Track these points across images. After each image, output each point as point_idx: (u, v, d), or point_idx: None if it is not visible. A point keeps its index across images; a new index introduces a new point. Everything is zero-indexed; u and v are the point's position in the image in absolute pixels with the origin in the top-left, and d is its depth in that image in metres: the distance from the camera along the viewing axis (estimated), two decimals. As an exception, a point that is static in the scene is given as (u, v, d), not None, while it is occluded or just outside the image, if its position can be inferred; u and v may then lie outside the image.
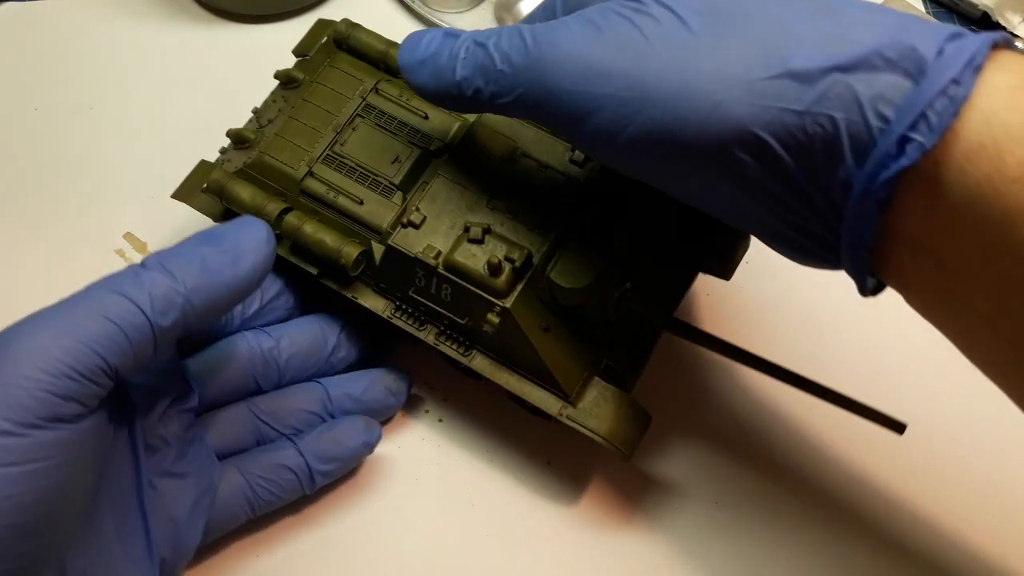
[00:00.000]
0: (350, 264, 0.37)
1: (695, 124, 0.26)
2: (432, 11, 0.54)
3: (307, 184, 0.39)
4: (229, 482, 0.37)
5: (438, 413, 0.43)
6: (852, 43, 0.25)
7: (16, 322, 0.29)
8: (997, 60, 0.25)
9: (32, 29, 0.54)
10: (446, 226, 0.37)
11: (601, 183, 0.38)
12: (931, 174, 0.24)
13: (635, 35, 0.27)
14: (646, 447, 0.40)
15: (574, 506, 0.41)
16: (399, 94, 0.41)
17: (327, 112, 0.41)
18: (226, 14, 0.54)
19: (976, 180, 0.24)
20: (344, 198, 0.39)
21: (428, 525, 0.41)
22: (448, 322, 0.38)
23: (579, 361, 0.37)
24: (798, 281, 0.45)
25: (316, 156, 0.40)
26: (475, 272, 0.36)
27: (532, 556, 0.40)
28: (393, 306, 0.39)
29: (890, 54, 0.25)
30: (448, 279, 0.36)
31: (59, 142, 0.50)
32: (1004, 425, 0.41)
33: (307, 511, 0.41)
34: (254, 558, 0.39)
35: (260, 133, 0.41)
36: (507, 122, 0.39)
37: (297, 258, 0.39)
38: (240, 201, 0.39)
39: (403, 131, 0.40)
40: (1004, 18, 0.54)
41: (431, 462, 0.42)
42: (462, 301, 0.37)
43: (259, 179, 0.40)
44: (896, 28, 0.25)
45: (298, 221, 0.38)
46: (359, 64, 0.42)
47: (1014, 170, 0.23)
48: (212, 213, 0.41)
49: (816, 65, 0.25)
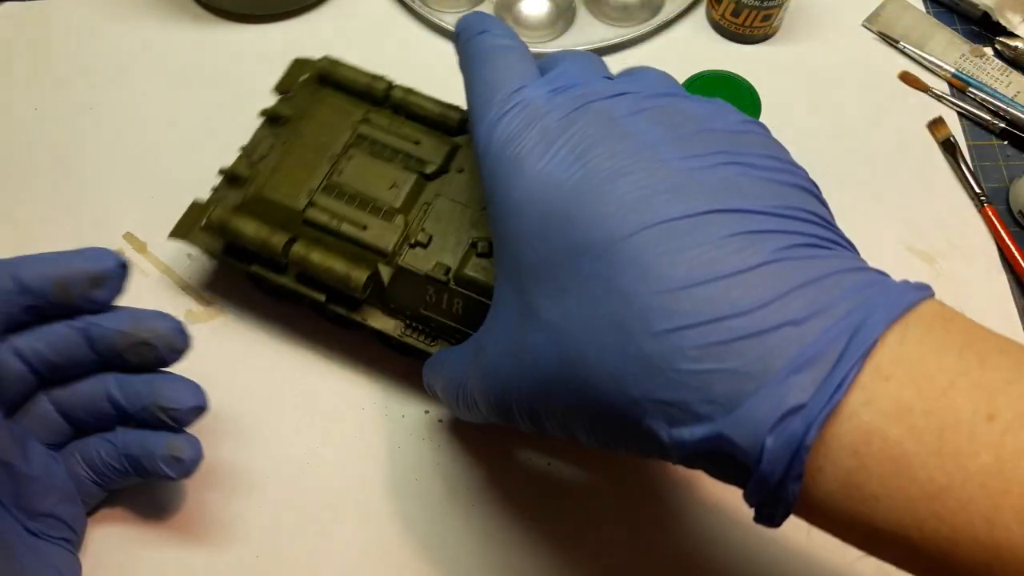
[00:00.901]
0: (360, 287, 0.38)
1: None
2: (432, 11, 0.54)
3: (309, 214, 0.40)
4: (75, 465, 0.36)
5: (438, 413, 0.43)
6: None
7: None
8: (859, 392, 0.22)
9: (32, 29, 0.54)
10: (452, 243, 0.39)
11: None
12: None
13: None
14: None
15: (574, 506, 0.41)
16: (389, 123, 0.42)
17: (321, 144, 0.41)
18: (226, 14, 0.54)
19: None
20: (348, 225, 0.39)
21: (428, 525, 0.41)
22: (460, 335, 0.39)
23: None
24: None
25: (315, 187, 0.40)
26: (486, 284, 0.37)
27: (533, 557, 0.40)
28: (403, 325, 0.40)
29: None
30: (460, 293, 0.37)
31: (59, 142, 0.50)
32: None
33: (307, 511, 0.41)
34: (253, 559, 0.40)
35: (254, 169, 0.42)
36: None
37: (303, 287, 0.40)
38: (245, 235, 0.39)
39: (397, 157, 0.41)
40: (1004, 18, 0.54)
41: (431, 462, 0.42)
42: (475, 313, 0.38)
43: (260, 213, 0.40)
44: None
45: (305, 250, 0.39)
46: (345, 97, 0.43)
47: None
48: (212, 250, 0.42)
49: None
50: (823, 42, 0.54)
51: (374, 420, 0.43)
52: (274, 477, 0.41)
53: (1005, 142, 0.51)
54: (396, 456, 0.42)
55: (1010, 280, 0.47)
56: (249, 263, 0.41)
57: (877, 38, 0.55)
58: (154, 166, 0.49)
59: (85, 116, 0.51)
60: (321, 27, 0.54)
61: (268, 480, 0.41)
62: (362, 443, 0.42)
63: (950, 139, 0.50)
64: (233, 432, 0.42)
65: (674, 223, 0.24)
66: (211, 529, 0.40)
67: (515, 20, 0.54)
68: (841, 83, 0.53)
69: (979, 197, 0.49)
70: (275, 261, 0.40)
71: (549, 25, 0.54)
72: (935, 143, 0.51)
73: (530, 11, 0.54)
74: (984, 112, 0.52)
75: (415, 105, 0.43)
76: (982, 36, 0.55)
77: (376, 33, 0.54)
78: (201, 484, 0.41)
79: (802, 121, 0.51)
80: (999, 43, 0.54)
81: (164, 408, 0.35)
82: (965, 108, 0.52)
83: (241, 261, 0.41)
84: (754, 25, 0.52)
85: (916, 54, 0.53)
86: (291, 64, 0.46)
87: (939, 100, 0.52)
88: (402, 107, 0.43)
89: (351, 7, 0.55)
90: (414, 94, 0.43)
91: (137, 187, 0.48)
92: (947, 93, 0.52)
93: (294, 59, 0.46)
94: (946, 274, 0.47)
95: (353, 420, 0.43)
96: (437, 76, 0.53)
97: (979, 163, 0.50)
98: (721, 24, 0.54)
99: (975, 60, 0.53)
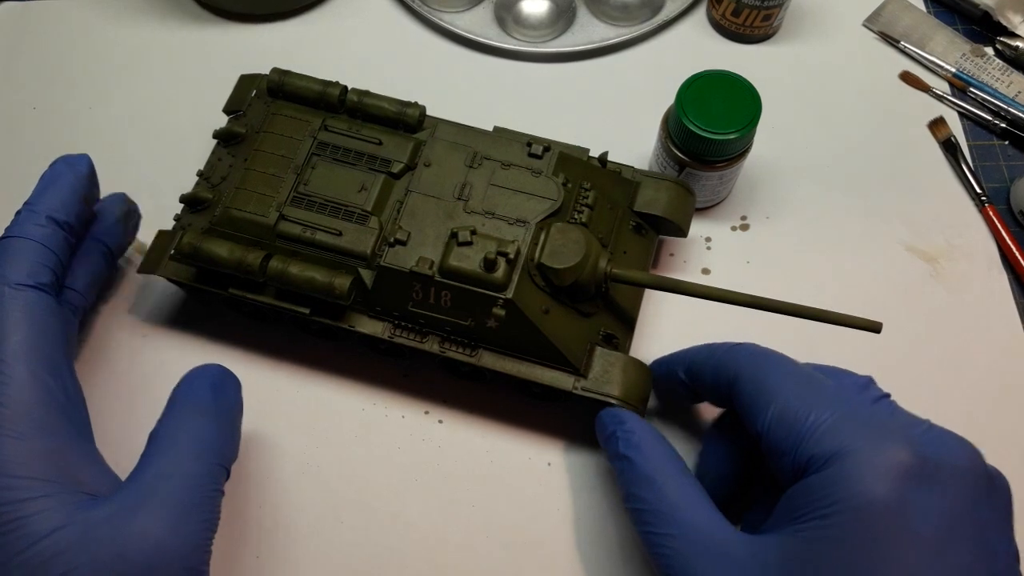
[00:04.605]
0: (345, 293, 0.38)
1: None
2: (432, 11, 0.54)
3: (282, 227, 0.39)
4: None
5: (438, 414, 0.43)
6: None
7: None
8: None
9: (32, 29, 0.54)
10: (432, 237, 0.38)
11: (563, 171, 0.40)
12: None
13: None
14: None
15: (575, 506, 0.41)
16: (348, 127, 0.42)
17: (282, 157, 0.41)
18: (226, 14, 0.54)
19: None
20: (322, 233, 0.39)
21: (428, 525, 0.41)
22: (451, 327, 0.39)
23: (580, 335, 0.39)
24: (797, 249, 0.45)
25: (283, 199, 0.40)
26: (472, 272, 0.37)
27: (532, 556, 0.40)
28: (391, 326, 0.40)
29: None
30: (448, 285, 0.37)
31: (58, 142, 0.50)
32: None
33: (307, 511, 0.41)
34: (253, 559, 0.40)
35: (216, 191, 0.42)
36: (460, 132, 0.42)
37: (285, 302, 0.40)
38: (219, 258, 0.39)
39: (361, 160, 0.41)
40: (1005, 18, 0.54)
41: (431, 462, 0.42)
42: (464, 303, 0.37)
43: (230, 233, 0.40)
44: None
45: (282, 264, 0.38)
46: (300, 108, 0.43)
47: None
48: (184, 278, 0.41)
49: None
50: (823, 42, 0.54)
51: (374, 421, 0.43)
52: (274, 478, 0.41)
53: (1006, 142, 0.51)
54: (396, 456, 0.42)
55: (1010, 280, 0.47)
56: (225, 287, 0.40)
57: (878, 38, 0.55)
58: (153, 166, 0.49)
59: (84, 116, 0.51)
60: (321, 27, 0.54)
61: (268, 480, 0.41)
62: (362, 444, 0.42)
63: (951, 139, 0.50)
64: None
65: None
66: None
67: (515, 20, 0.54)
68: (842, 83, 0.53)
69: (980, 197, 0.48)
70: (253, 280, 0.39)
71: (549, 25, 0.54)
72: (936, 143, 0.51)
73: (530, 10, 0.54)
74: (985, 112, 0.51)
75: (372, 106, 0.42)
76: (983, 36, 0.55)
77: (376, 33, 0.54)
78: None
79: (802, 121, 0.51)
80: (1000, 43, 0.54)
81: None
82: (966, 108, 0.52)
83: (216, 286, 0.40)
84: (754, 25, 0.52)
85: (917, 54, 0.53)
86: (238, 81, 0.45)
87: (940, 100, 0.52)
88: (359, 110, 0.42)
89: (351, 7, 0.55)
90: (370, 95, 0.43)
91: (137, 187, 0.48)
92: (948, 93, 0.52)
93: (240, 76, 0.45)
94: (946, 274, 0.47)
95: (353, 421, 0.43)
96: (437, 76, 0.53)
97: (980, 163, 0.50)
98: (721, 24, 0.53)
99: (976, 60, 0.53)
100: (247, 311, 0.44)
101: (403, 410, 0.43)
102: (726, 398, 0.36)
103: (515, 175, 0.40)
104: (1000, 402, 0.44)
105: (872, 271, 0.47)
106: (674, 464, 0.35)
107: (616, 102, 0.52)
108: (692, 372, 0.38)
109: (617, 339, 0.40)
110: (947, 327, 0.45)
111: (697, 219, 0.48)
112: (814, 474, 0.31)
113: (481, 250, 0.37)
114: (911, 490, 0.30)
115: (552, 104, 0.52)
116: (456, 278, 0.37)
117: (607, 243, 0.41)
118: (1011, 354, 0.45)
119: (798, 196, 0.49)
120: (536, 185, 0.39)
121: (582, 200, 0.40)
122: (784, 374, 0.34)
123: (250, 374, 0.43)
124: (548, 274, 0.38)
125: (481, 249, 0.37)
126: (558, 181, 0.39)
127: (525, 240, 0.38)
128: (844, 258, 0.47)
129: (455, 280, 0.37)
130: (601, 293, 0.40)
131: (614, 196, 0.42)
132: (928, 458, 0.30)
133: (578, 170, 0.41)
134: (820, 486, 0.31)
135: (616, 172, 0.43)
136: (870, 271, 0.47)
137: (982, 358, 0.45)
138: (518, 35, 0.54)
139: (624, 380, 0.39)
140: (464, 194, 0.39)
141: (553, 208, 0.39)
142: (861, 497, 0.30)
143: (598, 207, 0.40)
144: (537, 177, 0.39)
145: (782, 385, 0.34)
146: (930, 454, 0.31)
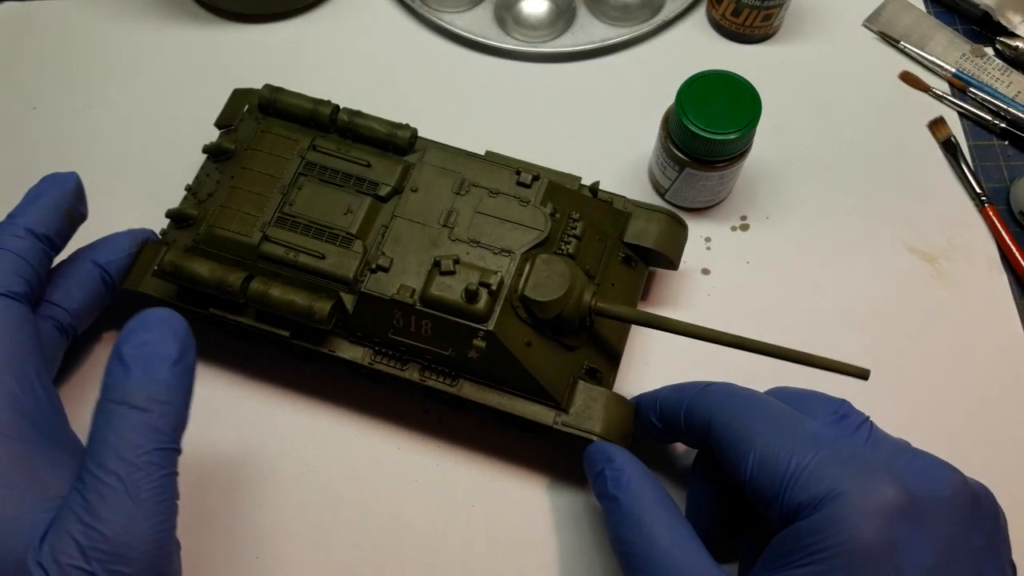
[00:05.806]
0: (325, 318, 0.37)
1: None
2: (432, 11, 0.54)
3: (264, 248, 0.39)
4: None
5: (438, 414, 0.43)
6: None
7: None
8: None
9: (32, 29, 0.54)
10: (414, 264, 0.38)
11: (552, 200, 0.39)
12: None
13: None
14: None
15: (575, 506, 0.41)
16: (337, 148, 0.41)
17: (269, 176, 0.40)
18: (226, 14, 0.54)
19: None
20: (305, 256, 0.38)
21: (428, 525, 0.41)
22: (431, 356, 0.38)
23: (563, 368, 0.38)
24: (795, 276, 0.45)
25: (268, 220, 0.39)
26: (453, 303, 0.36)
27: (532, 556, 0.40)
28: (372, 352, 0.39)
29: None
30: (428, 314, 0.37)
31: (58, 142, 0.50)
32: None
33: (307, 511, 0.41)
34: (254, 559, 0.39)
35: (202, 208, 0.41)
36: (449, 157, 0.41)
37: (266, 324, 0.39)
38: (199, 277, 0.38)
39: (349, 182, 0.40)
40: (1005, 18, 0.54)
41: (431, 463, 0.42)
42: (444, 333, 0.37)
43: (213, 252, 0.39)
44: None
45: (263, 286, 0.38)
46: (290, 125, 0.42)
47: None
48: (166, 295, 0.41)
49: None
50: (823, 42, 0.54)
51: (373, 421, 0.43)
52: (274, 478, 0.41)
53: (1006, 142, 0.51)
54: (396, 456, 0.42)
55: (1010, 280, 0.47)
56: (206, 306, 0.40)
57: (877, 38, 0.55)
58: (153, 166, 0.49)
59: (84, 116, 0.51)
60: (321, 27, 0.54)
61: (268, 481, 0.41)
62: (361, 444, 0.42)
63: (951, 139, 0.50)
64: (234, 432, 0.42)
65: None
66: (211, 529, 0.40)
67: (515, 20, 0.54)
68: (841, 83, 0.53)
69: (980, 197, 0.48)
70: (233, 301, 0.39)
71: (549, 25, 0.54)
72: (936, 143, 0.51)
73: (530, 11, 0.54)
74: (985, 112, 0.51)
75: (363, 127, 0.42)
76: (983, 36, 0.55)
77: (376, 33, 0.54)
78: (201, 485, 0.41)
79: (802, 121, 0.51)
80: (1000, 43, 0.54)
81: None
82: (966, 108, 0.52)
83: (197, 305, 0.40)
84: (754, 25, 0.52)
85: (917, 54, 0.53)
86: (231, 96, 0.45)
87: (940, 100, 0.52)
88: (349, 130, 0.42)
89: (351, 7, 0.55)
90: (361, 116, 0.42)
91: (137, 187, 0.48)
92: (948, 93, 0.52)
93: (233, 90, 0.45)
94: (946, 274, 0.47)
95: (352, 421, 0.43)
96: (437, 76, 0.53)
97: (980, 163, 0.50)
98: (721, 24, 0.54)
99: (976, 60, 0.53)
100: (229, 331, 0.43)
101: (402, 410, 0.43)
102: (702, 441, 0.36)
103: (502, 203, 0.39)
104: (1000, 402, 0.44)
105: (872, 271, 0.47)
106: (663, 504, 0.35)
107: (616, 102, 0.52)
108: (664, 416, 0.38)
109: (601, 373, 0.40)
110: (946, 327, 0.45)
111: (697, 219, 0.48)
112: (803, 520, 0.31)
113: (463, 280, 0.36)
114: (901, 530, 0.30)
115: (552, 104, 0.52)
116: (437, 308, 0.36)
117: (594, 275, 0.40)
118: (1011, 354, 0.45)
119: (798, 196, 0.49)
120: (523, 215, 0.39)
121: (570, 231, 0.39)
122: (759, 417, 0.34)
123: (250, 373, 0.44)
124: (531, 306, 0.37)
125: (464, 279, 0.36)
126: (546, 211, 0.39)
127: (509, 271, 0.37)
128: (844, 258, 0.47)
129: (436, 310, 0.36)
130: (586, 326, 0.39)
131: (604, 227, 0.41)
132: (916, 495, 0.30)
133: (567, 200, 0.40)
134: (809, 532, 0.30)
135: (607, 202, 0.42)
136: (870, 271, 0.47)
137: (982, 358, 0.45)
138: (518, 35, 0.54)
139: (606, 416, 0.38)
140: (450, 221, 0.39)
141: (539, 239, 0.38)
142: (852, 543, 0.29)
143: (586, 238, 0.40)
144: (524, 207, 0.39)
145: (759, 430, 0.33)
146: (917, 490, 0.30)
